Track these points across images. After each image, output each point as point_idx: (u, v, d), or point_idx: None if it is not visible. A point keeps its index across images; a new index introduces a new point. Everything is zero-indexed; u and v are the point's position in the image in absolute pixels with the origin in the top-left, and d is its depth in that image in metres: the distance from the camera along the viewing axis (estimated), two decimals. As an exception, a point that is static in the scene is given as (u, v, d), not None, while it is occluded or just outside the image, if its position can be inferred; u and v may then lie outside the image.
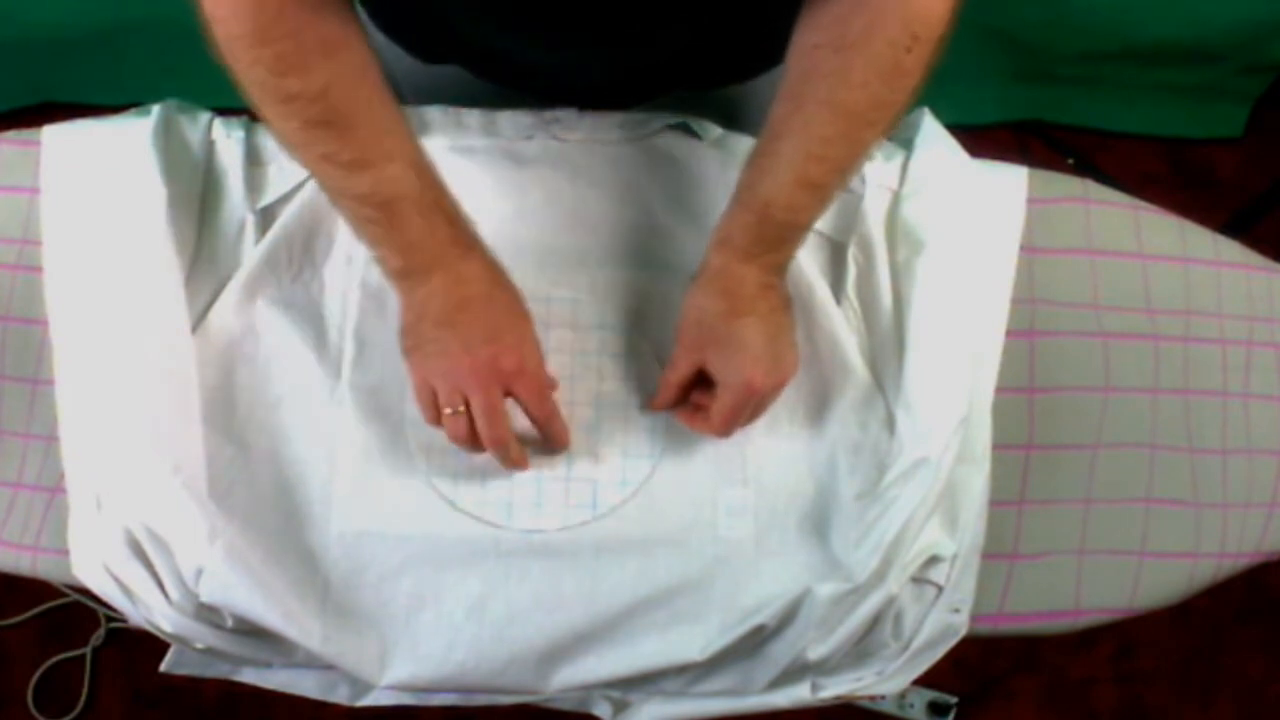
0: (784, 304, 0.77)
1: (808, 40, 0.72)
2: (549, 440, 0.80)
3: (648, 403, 0.83)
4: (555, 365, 0.85)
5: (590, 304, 0.86)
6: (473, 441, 0.76)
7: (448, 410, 0.76)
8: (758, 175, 0.74)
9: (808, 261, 0.86)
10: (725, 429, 0.78)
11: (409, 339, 0.77)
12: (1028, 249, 0.90)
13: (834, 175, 0.73)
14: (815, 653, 0.78)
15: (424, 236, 0.74)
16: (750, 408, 0.77)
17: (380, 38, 0.96)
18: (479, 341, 0.75)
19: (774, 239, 0.75)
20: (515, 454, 0.78)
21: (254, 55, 0.67)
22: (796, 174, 0.72)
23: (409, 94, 1.00)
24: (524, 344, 0.78)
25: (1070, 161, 1.77)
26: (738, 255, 0.75)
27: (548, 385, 0.79)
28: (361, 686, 0.82)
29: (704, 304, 0.76)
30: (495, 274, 0.78)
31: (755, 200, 0.74)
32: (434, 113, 0.91)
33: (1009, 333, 0.86)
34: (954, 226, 0.86)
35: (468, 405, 0.75)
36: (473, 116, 0.91)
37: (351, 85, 0.70)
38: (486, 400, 0.75)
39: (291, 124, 0.70)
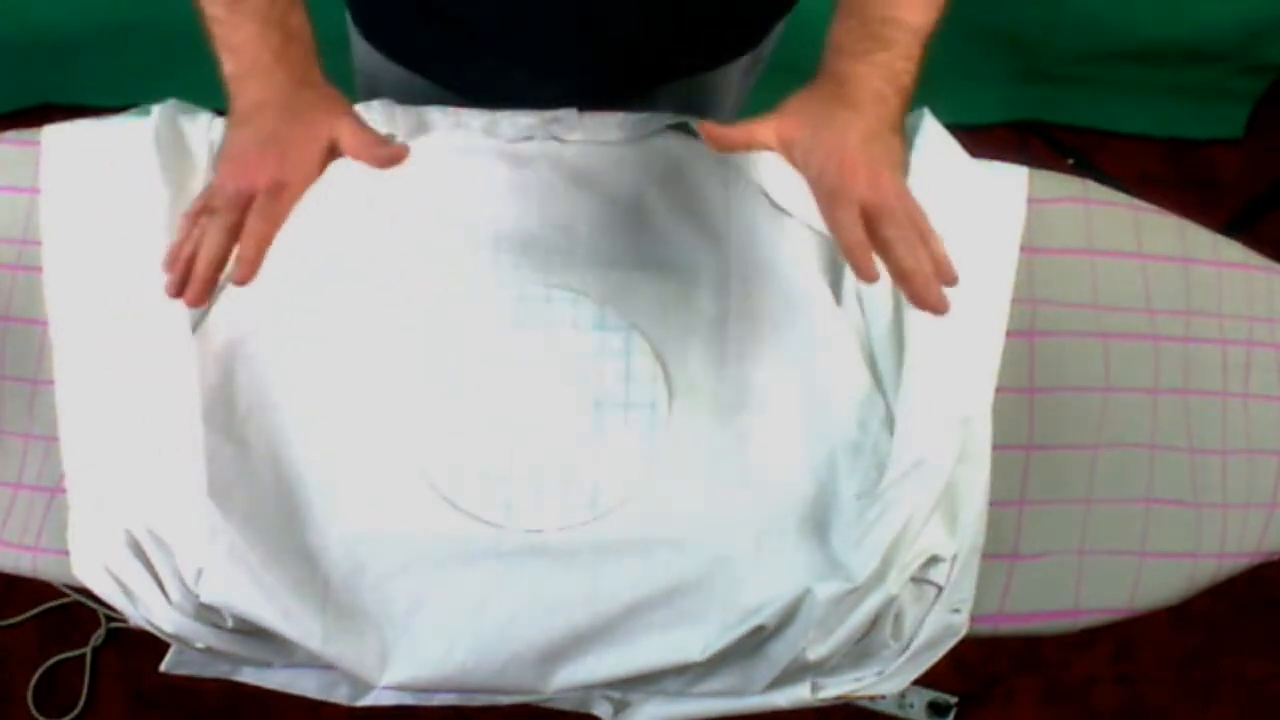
0: (894, 123, 0.70)
1: None
2: (238, 255, 0.70)
3: (710, 141, 0.71)
4: (555, 365, 0.85)
5: (590, 304, 0.86)
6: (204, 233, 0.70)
7: (206, 197, 0.71)
8: None
9: (808, 261, 0.87)
10: (840, 211, 0.66)
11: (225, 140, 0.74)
12: (1028, 249, 0.90)
13: None
14: (815, 653, 0.78)
15: (252, 44, 0.72)
16: (855, 196, 0.66)
17: (363, 46, 0.96)
18: (264, 140, 0.71)
19: (878, 37, 0.70)
20: (211, 251, 0.69)
21: None
22: None
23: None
24: (300, 154, 0.71)
25: (1070, 161, 1.77)
26: (844, 56, 0.71)
27: (287, 197, 0.71)
28: (361, 686, 0.82)
29: (813, 90, 0.70)
30: (308, 91, 0.73)
31: (853, 3, 0.71)
32: (434, 113, 0.91)
33: (1009, 333, 0.86)
34: (954, 226, 0.86)
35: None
36: (473, 117, 0.91)
37: None
38: (235, 188, 0.69)
39: None
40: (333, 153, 0.72)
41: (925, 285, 0.66)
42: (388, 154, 0.70)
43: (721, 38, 0.93)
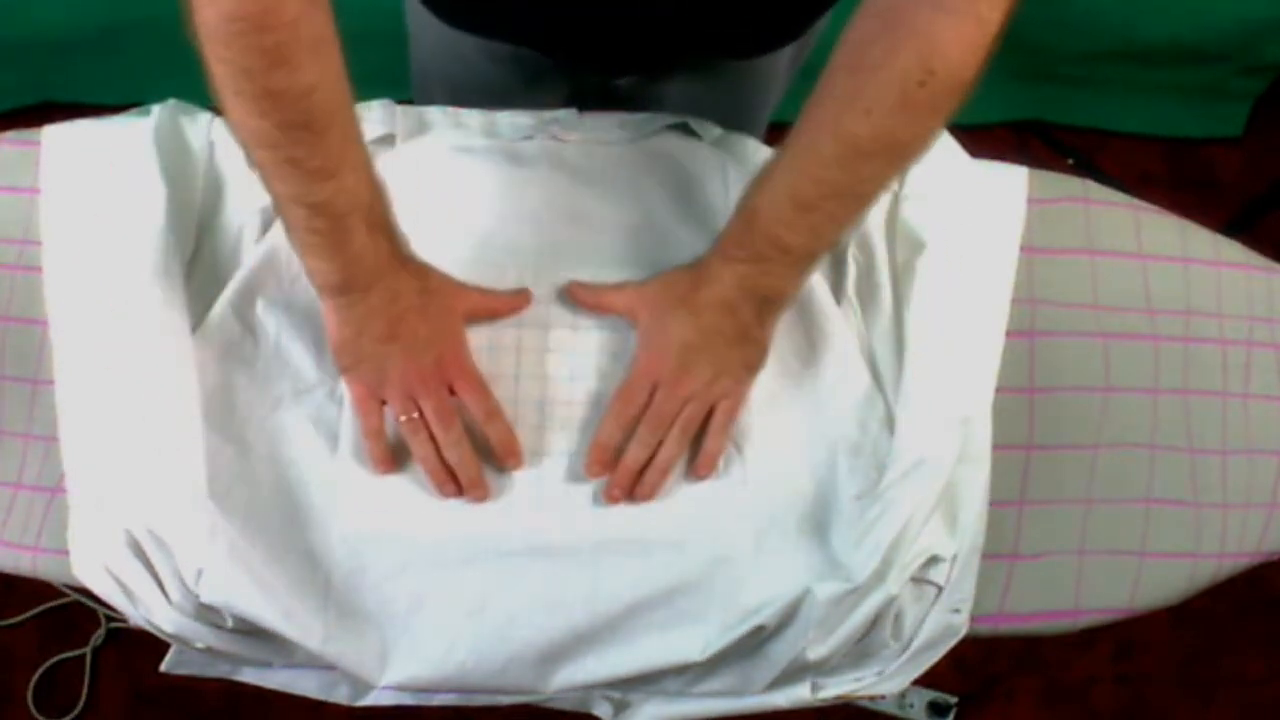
0: (738, 333, 0.78)
1: (832, 61, 0.70)
2: (495, 444, 0.81)
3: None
4: (555, 365, 0.85)
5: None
6: (431, 445, 0.79)
7: (403, 418, 0.78)
8: (755, 185, 0.75)
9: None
10: (619, 405, 0.79)
11: (347, 356, 0.79)
12: (1028, 249, 0.90)
13: (828, 201, 0.72)
14: (815, 653, 0.78)
15: (368, 252, 0.74)
16: (644, 393, 0.79)
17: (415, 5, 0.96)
18: (421, 348, 0.78)
19: (754, 250, 0.75)
20: (468, 458, 0.79)
21: (249, 42, 0.63)
22: (790, 189, 0.72)
23: (432, 64, 1.00)
24: (460, 345, 0.81)
25: (1070, 161, 1.77)
26: (719, 256, 0.77)
27: (485, 383, 0.81)
28: (362, 686, 0.82)
29: (674, 276, 0.80)
30: (427, 281, 0.80)
31: (746, 207, 0.75)
32: (434, 113, 0.91)
33: (1009, 333, 0.86)
34: (954, 226, 0.86)
35: (421, 414, 0.78)
36: (473, 117, 0.91)
37: (334, 88, 0.68)
38: (438, 402, 0.78)
39: (267, 122, 0.67)
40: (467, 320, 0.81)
41: (625, 475, 0.79)
42: (511, 304, 0.84)
43: (774, 21, 0.92)
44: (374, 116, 0.88)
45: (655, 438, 0.79)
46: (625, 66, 0.97)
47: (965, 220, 0.87)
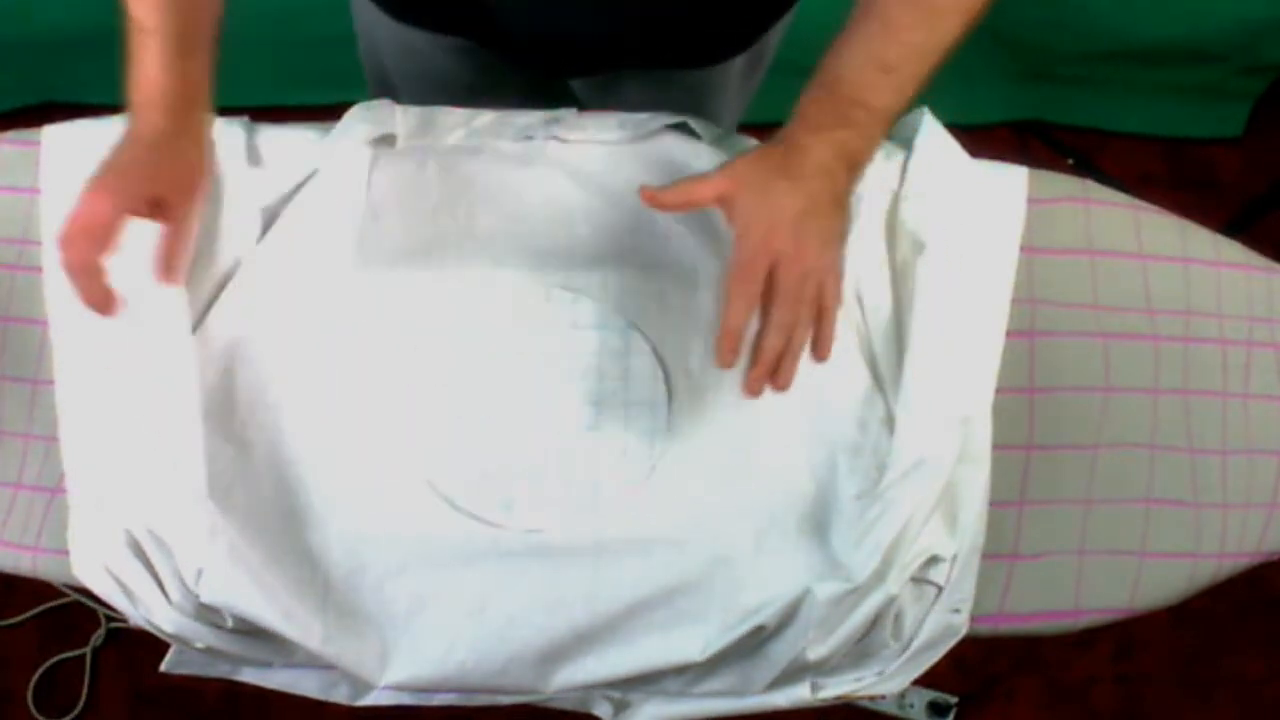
0: (836, 199, 0.74)
1: None
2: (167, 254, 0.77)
3: (648, 196, 0.76)
4: (555, 365, 0.85)
5: (590, 304, 0.86)
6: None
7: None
8: (833, 53, 0.74)
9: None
10: (740, 287, 0.72)
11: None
12: (1028, 249, 0.90)
13: (910, 62, 0.73)
14: (815, 653, 0.78)
15: (155, 78, 0.74)
16: (762, 271, 0.72)
17: (375, 21, 0.96)
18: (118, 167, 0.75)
19: (841, 115, 0.73)
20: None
21: None
22: (871, 55, 0.73)
23: (389, 62, 1.01)
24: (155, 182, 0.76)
25: (1070, 161, 1.77)
26: (804, 126, 0.74)
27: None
28: (362, 686, 0.82)
29: (764, 153, 0.74)
30: (177, 133, 0.76)
31: (827, 76, 0.74)
32: (436, 113, 0.91)
33: (1009, 333, 0.86)
34: (954, 226, 0.86)
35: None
36: (474, 117, 0.91)
37: None
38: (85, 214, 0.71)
39: None
40: (156, 206, 0.75)
41: (767, 365, 0.73)
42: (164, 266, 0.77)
43: (718, 34, 0.93)
44: (374, 116, 0.88)
45: (792, 317, 0.73)
46: (573, 69, 0.97)
47: (965, 220, 0.87)
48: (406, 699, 0.82)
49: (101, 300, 0.71)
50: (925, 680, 0.85)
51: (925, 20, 0.72)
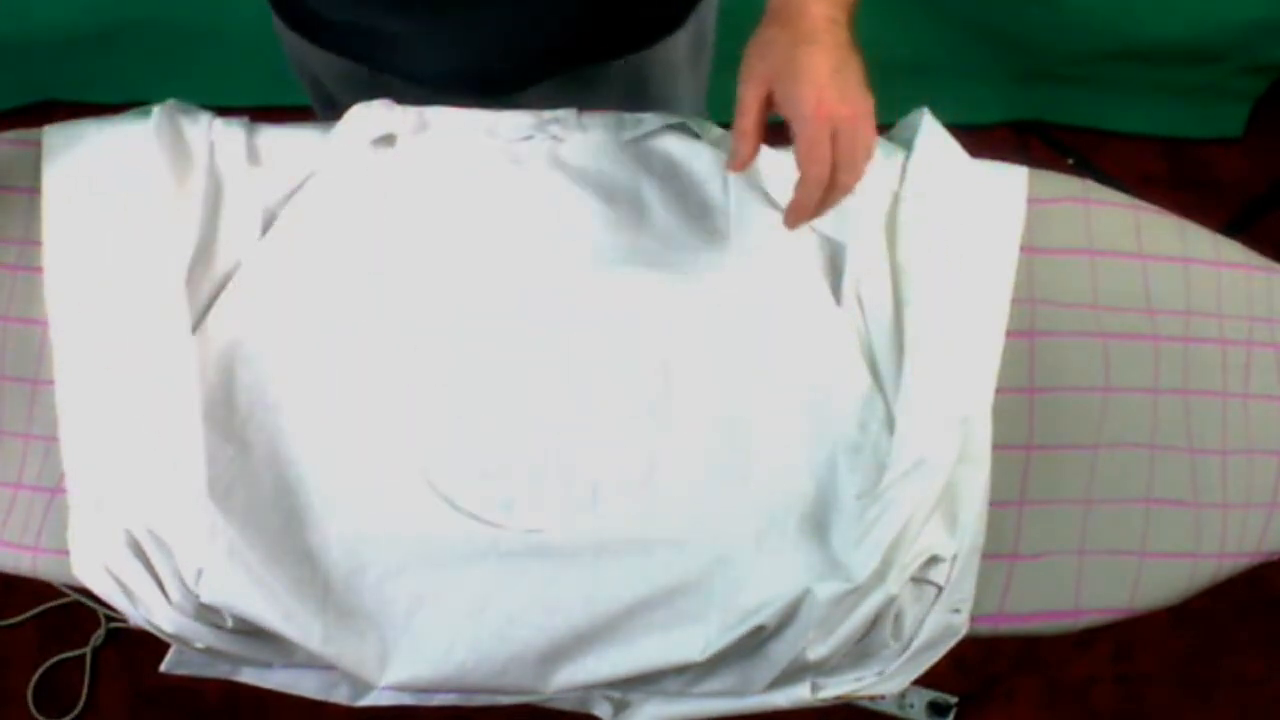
0: (850, 43, 0.74)
1: None
2: None
3: (728, 167, 0.77)
4: (555, 365, 0.85)
5: (590, 304, 0.86)
6: None
7: None
8: None
9: (808, 261, 0.86)
10: (817, 169, 0.72)
11: None
12: (1028, 249, 0.90)
13: None
14: (815, 653, 0.78)
15: None
16: (828, 142, 0.72)
17: (289, 35, 0.97)
18: None
19: None
20: None
21: None
22: None
23: (329, 84, 1.01)
24: None
25: (1070, 161, 1.77)
26: None
27: None
28: (361, 686, 0.82)
29: (768, 35, 0.74)
30: None
31: None
32: (434, 113, 0.91)
33: (1009, 333, 0.86)
34: (954, 226, 0.86)
35: None
36: (473, 117, 0.91)
37: None
38: None
39: None
40: None
41: (800, 201, 0.74)
42: None
43: (641, 15, 0.93)
44: (375, 116, 0.88)
45: (858, 177, 0.74)
46: (494, 91, 0.96)
47: (965, 220, 0.87)
48: (406, 699, 0.82)
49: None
50: (925, 680, 0.85)
51: None
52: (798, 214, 0.75)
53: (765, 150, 0.90)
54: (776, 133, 0.77)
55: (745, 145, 0.74)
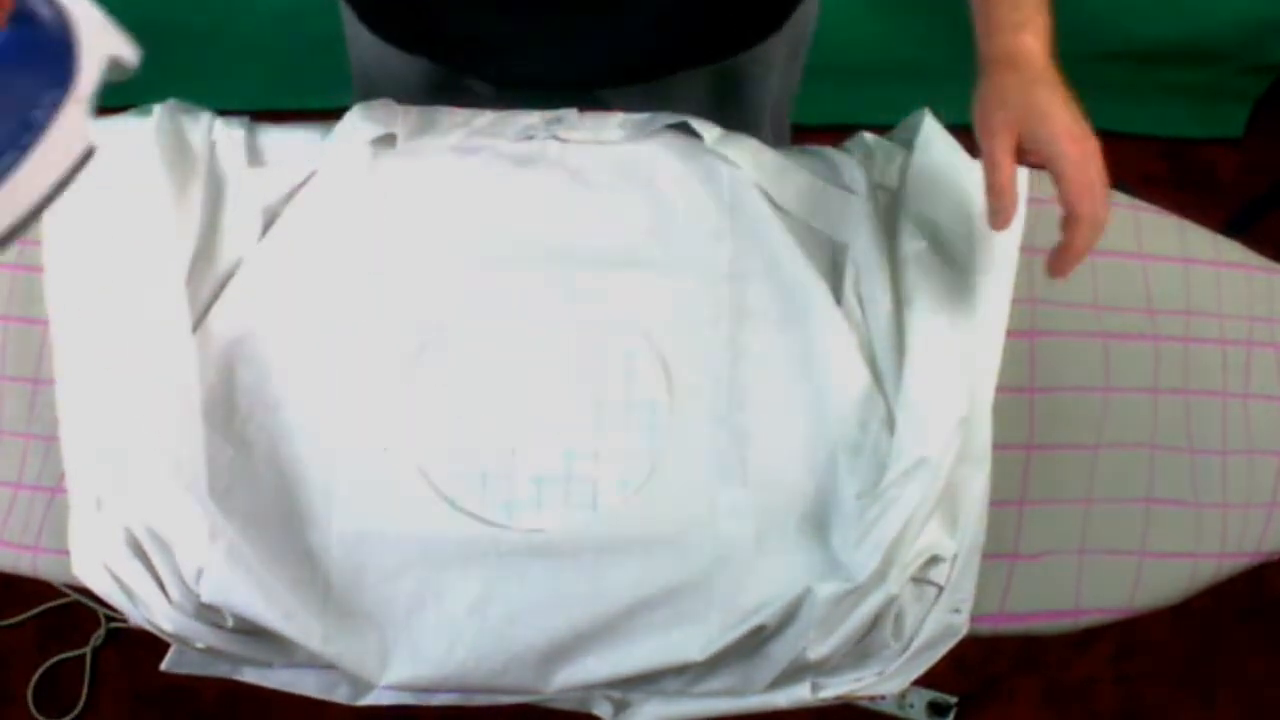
0: (1061, 79, 0.75)
1: None
2: None
3: (993, 225, 0.73)
4: (556, 365, 0.85)
5: (591, 304, 0.86)
6: None
7: None
8: None
9: (808, 261, 0.86)
10: (1099, 209, 0.71)
11: None
12: (1028, 249, 0.89)
13: None
14: (815, 653, 0.78)
15: None
16: (1098, 180, 0.71)
17: (356, 25, 0.96)
18: None
19: (1033, 2, 0.76)
20: None
21: None
22: None
23: (383, 87, 1.01)
24: None
25: (1070, 161, 1.77)
26: (1012, 31, 0.75)
27: None
28: (362, 686, 0.82)
29: (998, 82, 0.74)
30: None
31: None
32: (435, 113, 0.91)
33: (1009, 333, 0.86)
34: (954, 226, 0.86)
35: None
36: (474, 117, 0.91)
37: None
38: None
39: None
40: None
41: (1071, 248, 0.72)
42: None
43: (745, 19, 0.93)
44: (375, 116, 0.88)
45: (1106, 212, 0.73)
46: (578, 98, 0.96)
47: (965, 220, 0.87)
48: (407, 699, 0.82)
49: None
50: (925, 680, 0.85)
51: None
52: (1075, 260, 0.72)
53: (763, 149, 0.91)
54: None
55: (1007, 199, 0.72)
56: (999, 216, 0.72)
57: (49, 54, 0.51)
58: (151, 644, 0.81)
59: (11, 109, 0.49)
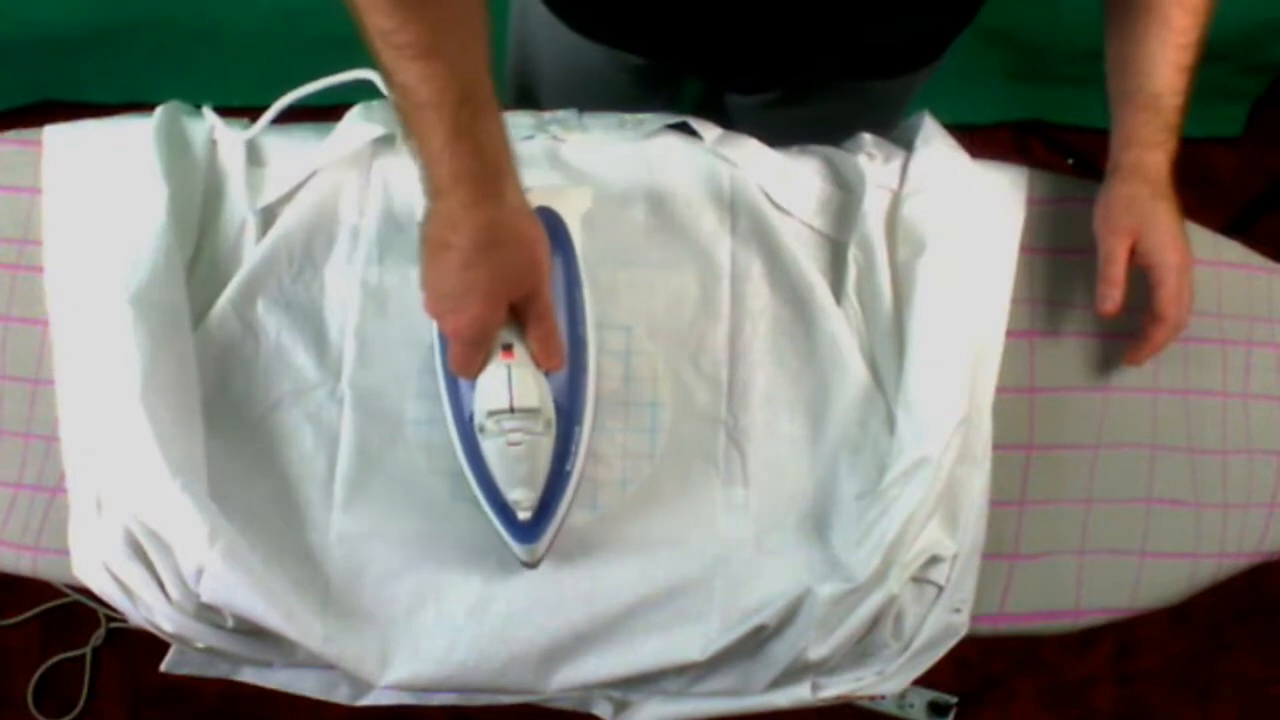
0: (1178, 198, 0.84)
1: None
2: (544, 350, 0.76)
3: (1103, 309, 0.84)
4: (555, 365, 0.85)
5: (590, 304, 0.86)
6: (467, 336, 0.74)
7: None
8: (1138, 77, 0.82)
9: (808, 261, 0.87)
10: (1183, 315, 0.83)
11: (457, 255, 0.71)
12: (1028, 249, 0.90)
13: (1194, 52, 0.82)
14: (816, 653, 0.78)
15: (444, 158, 0.69)
16: (1189, 291, 0.83)
17: (550, 28, 0.96)
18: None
19: (1168, 123, 0.83)
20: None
21: None
22: (1167, 60, 0.81)
23: (549, 68, 1.02)
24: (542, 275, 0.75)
25: (1070, 161, 1.77)
26: (1147, 147, 0.83)
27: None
28: (362, 686, 0.82)
29: (1127, 190, 0.83)
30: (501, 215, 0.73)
31: (1146, 97, 0.82)
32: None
33: (1009, 333, 0.86)
34: (954, 226, 0.86)
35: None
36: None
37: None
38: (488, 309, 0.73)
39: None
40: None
41: (1152, 340, 0.85)
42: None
43: (911, 48, 0.96)
44: (374, 116, 0.88)
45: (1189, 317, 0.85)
46: (763, 84, 0.99)
47: (965, 220, 0.87)
48: (407, 698, 0.82)
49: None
50: (925, 680, 0.85)
51: (1194, 15, 0.80)
52: (1151, 353, 0.85)
53: (763, 149, 0.90)
54: (776, 133, 0.77)
55: (1117, 290, 0.83)
56: (1107, 303, 0.83)
57: None
58: (151, 644, 0.81)
59: None
